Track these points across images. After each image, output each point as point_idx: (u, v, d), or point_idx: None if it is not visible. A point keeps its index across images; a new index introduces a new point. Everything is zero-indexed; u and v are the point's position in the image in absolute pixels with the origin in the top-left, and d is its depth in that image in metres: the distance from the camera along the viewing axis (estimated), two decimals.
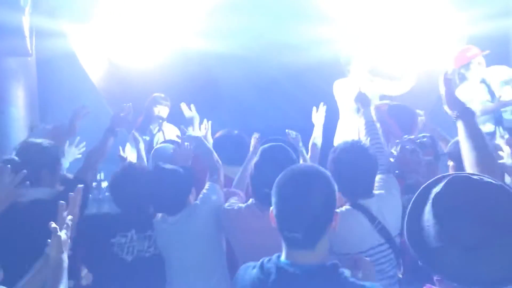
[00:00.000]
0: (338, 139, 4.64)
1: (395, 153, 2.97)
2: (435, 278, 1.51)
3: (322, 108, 4.05)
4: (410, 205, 1.55)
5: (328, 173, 1.80)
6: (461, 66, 4.75)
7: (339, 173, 2.48)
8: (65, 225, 2.01)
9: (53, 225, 1.95)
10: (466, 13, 4.85)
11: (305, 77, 5.06)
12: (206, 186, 2.96)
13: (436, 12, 5.02)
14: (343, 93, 4.79)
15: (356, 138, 2.96)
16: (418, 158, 2.89)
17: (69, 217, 2.05)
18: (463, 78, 4.77)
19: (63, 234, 1.97)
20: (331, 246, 2.33)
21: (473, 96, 4.62)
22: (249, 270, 1.77)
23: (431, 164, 2.88)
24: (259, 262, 1.75)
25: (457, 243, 1.38)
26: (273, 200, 1.73)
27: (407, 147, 2.94)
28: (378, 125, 3.08)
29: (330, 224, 1.71)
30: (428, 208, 1.48)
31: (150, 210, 2.94)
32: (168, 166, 2.90)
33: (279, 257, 1.71)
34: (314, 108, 4.06)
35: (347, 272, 1.71)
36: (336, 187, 1.75)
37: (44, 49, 4.91)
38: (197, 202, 2.85)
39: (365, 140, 2.91)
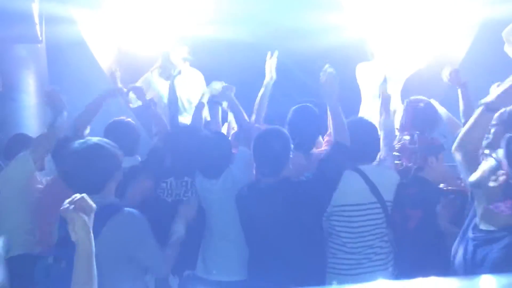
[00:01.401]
0: None
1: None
2: None
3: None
4: None
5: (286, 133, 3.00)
6: None
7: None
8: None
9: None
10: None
11: (313, 64, 5.01)
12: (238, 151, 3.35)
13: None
14: (367, 77, 4.75)
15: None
16: (404, 146, 3.29)
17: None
18: None
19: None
20: (333, 200, 2.97)
21: None
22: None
23: (414, 152, 3.24)
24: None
25: None
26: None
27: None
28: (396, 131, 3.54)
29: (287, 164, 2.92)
30: None
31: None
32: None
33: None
34: (269, 53, 4.07)
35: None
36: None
37: (54, 36, 4.93)
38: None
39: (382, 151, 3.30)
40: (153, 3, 4.86)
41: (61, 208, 1.89)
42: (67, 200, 1.91)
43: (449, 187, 3.17)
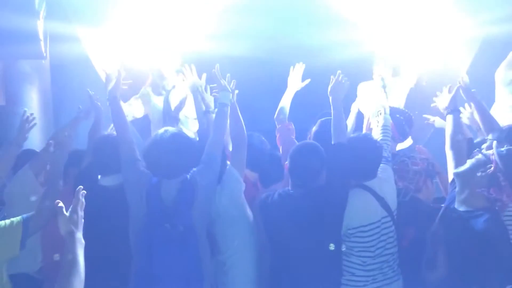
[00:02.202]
0: None
1: None
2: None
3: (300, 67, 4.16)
4: None
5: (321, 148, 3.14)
6: None
7: (349, 159, 3.12)
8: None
9: (60, 204, 2.04)
10: (480, 16, 4.82)
11: (316, 80, 5.04)
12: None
13: (448, 15, 4.99)
14: (367, 96, 4.76)
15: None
16: (406, 167, 3.40)
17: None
18: None
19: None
20: (346, 223, 3.02)
21: None
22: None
23: (418, 173, 3.39)
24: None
25: None
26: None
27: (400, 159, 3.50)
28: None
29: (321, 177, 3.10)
30: None
31: None
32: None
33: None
34: (291, 67, 4.13)
35: None
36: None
37: (58, 52, 4.99)
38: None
39: (378, 135, 3.47)
40: (156, 19, 4.90)
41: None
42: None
43: None
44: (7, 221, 2.68)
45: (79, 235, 2.08)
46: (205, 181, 3.08)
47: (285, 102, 4.13)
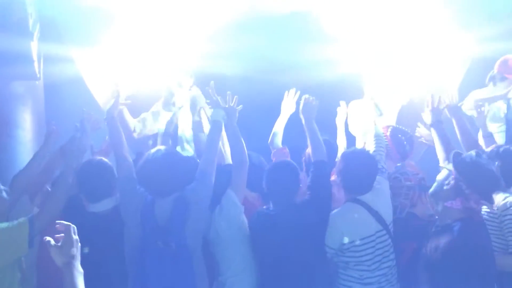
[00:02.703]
0: None
1: None
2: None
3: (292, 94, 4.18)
4: None
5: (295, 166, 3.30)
6: (501, 73, 4.55)
7: (346, 173, 3.20)
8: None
9: (47, 238, 1.99)
10: (471, 34, 4.89)
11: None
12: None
13: (440, 33, 5.06)
14: (358, 114, 4.78)
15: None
16: (399, 183, 3.44)
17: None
18: (494, 82, 4.61)
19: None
20: (340, 238, 3.05)
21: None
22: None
23: (412, 188, 3.41)
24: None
25: None
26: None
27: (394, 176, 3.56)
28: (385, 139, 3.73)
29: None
30: None
31: None
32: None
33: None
34: (286, 92, 4.19)
35: None
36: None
37: (52, 73, 5.00)
38: None
39: (371, 146, 3.55)
40: (150, 39, 4.93)
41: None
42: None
43: None
44: (14, 222, 2.85)
45: (77, 264, 2.01)
46: (198, 198, 3.12)
47: (279, 126, 4.21)
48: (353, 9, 5.21)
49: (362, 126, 4.68)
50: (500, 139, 4.41)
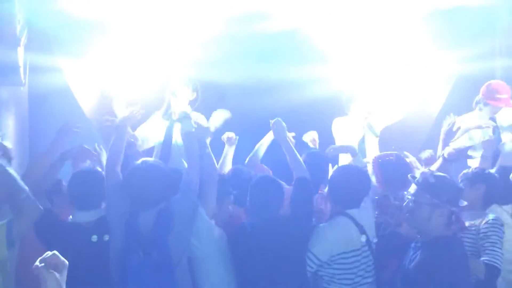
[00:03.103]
0: None
1: None
2: None
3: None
4: None
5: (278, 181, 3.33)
6: (484, 98, 4.60)
7: (338, 188, 3.25)
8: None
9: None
10: (454, 53, 5.00)
11: (298, 115, 5.12)
12: None
13: (425, 52, 5.18)
14: (343, 132, 4.80)
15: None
16: (388, 201, 3.41)
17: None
18: (479, 107, 4.64)
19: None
20: (331, 249, 3.08)
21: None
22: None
23: (399, 208, 3.29)
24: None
25: None
26: None
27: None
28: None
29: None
30: None
31: None
32: None
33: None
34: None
35: None
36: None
37: (38, 82, 4.95)
38: None
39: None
40: (138, 47, 4.95)
41: (33, 266, 1.77)
42: (39, 258, 1.79)
43: None
44: None
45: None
46: (182, 210, 3.10)
47: (260, 147, 4.35)
48: (342, 28, 5.32)
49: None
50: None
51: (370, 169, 3.65)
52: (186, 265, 3.15)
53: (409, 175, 3.06)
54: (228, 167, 4.31)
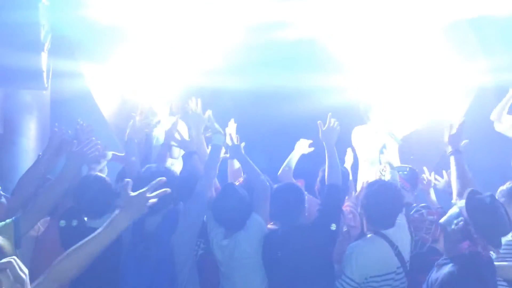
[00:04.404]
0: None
1: None
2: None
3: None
4: None
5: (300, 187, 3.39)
6: None
7: (372, 208, 3.14)
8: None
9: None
10: (477, 64, 4.93)
11: (314, 124, 5.10)
12: None
13: (446, 62, 5.11)
14: (363, 140, 4.77)
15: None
16: (422, 217, 3.31)
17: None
18: None
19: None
20: (363, 270, 3.01)
21: None
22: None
23: (433, 223, 3.24)
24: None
25: None
26: None
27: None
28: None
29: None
30: None
31: None
32: None
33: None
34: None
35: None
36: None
37: (60, 86, 5.04)
38: None
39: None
40: (158, 54, 5.00)
41: None
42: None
43: None
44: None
45: None
46: (188, 214, 3.23)
47: (291, 160, 4.28)
48: (360, 36, 5.29)
49: (369, 155, 4.69)
50: None
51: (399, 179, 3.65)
52: (194, 267, 3.26)
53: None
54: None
